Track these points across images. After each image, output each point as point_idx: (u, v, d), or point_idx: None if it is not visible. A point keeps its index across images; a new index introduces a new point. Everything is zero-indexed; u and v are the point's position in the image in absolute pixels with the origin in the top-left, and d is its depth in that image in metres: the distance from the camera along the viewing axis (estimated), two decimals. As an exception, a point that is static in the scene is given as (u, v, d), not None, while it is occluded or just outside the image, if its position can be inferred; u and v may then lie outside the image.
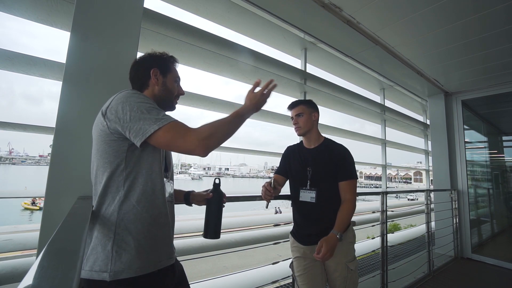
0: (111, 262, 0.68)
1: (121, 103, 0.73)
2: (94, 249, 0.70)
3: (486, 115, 4.28)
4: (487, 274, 2.92)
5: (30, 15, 1.39)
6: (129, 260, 0.70)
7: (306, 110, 1.38)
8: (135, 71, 0.91)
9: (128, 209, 0.73)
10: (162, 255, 0.79)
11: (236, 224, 2.39)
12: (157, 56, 0.92)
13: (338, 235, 1.19)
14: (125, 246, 0.71)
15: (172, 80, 0.93)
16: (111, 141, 0.75)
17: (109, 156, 0.75)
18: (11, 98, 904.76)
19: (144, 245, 0.73)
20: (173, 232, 0.88)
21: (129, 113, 0.72)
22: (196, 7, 2.09)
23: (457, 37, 2.32)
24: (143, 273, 0.72)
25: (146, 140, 0.72)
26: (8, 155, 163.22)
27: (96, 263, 0.69)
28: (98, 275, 0.67)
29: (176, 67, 0.96)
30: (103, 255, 0.69)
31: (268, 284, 1.68)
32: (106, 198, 0.74)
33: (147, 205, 0.76)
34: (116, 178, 0.74)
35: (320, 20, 2.18)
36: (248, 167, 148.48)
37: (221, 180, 1.05)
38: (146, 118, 0.71)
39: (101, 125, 0.75)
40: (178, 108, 1.02)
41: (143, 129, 0.71)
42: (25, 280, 0.31)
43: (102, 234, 0.71)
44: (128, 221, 0.73)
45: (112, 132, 0.74)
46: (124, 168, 0.75)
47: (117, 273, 0.68)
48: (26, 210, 23.62)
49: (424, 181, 6.13)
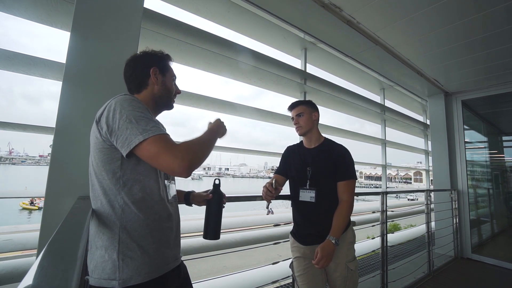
0: (119, 270, 0.69)
1: (112, 111, 0.71)
2: (102, 257, 0.70)
3: (486, 115, 4.28)
4: (487, 274, 2.91)
5: (30, 15, 1.39)
6: (136, 267, 0.70)
7: (307, 110, 1.38)
8: (133, 69, 0.88)
9: (130, 216, 0.73)
10: (169, 258, 0.80)
11: (236, 224, 2.39)
12: (156, 54, 0.90)
13: (334, 240, 1.20)
14: (130, 253, 0.70)
15: (170, 78, 0.92)
16: (105, 149, 0.73)
17: (104, 165, 0.73)
18: (10, 98, 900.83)
19: (149, 251, 0.73)
20: (179, 232, 0.88)
21: (118, 121, 0.69)
22: (196, 7, 2.09)
23: (457, 37, 2.32)
24: (152, 278, 0.72)
25: (132, 151, 0.69)
26: (8, 155, 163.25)
27: (104, 272, 0.69)
28: (108, 283, 0.68)
29: (171, 65, 0.95)
30: (110, 263, 0.69)
31: (268, 284, 1.68)
32: (106, 207, 0.73)
33: (148, 211, 0.75)
34: (113, 187, 0.73)
35: (320, 20, 2.18)
36: (248, 167, 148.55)
37: (221, 180, 1.05)
38: (133, 128, 0.68)
39: (96, 132, 0.74)
40: (178, 108, 1.02)
41: (128, 139, 0.68)
42: (25, 280, 0.31)
43: (107, 242, 0.70)
44: (131, 229, 0.72)
45: (104, 140, 0.72)
46: (121, 176, 0.73)
47: (126, 280, 0.68)
48: (24, 210, 23.50)
49: (424, 181, 6.12)
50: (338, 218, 1.25)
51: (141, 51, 0.92)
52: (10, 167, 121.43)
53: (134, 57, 0.90)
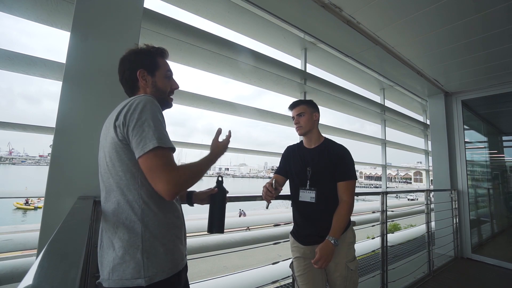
0: (144, 268, 0.70)
1: (134, 108, 0.71)
2: (122, 258, 0.70)
3: (486, 115, 4.28)
4: (487, 274, 2.91)
5: (30, 15, 1.39)
6: (161, 264, 0.73)
7: (307, 110, 1.38)
8: (122, 74, 0.85)
9: (151, 215, 0.74)
10: (183, 254, 0.84)
11: (236, 224, 2.39)
12: (141, 52, 0.85)
13: (333, 241, 1.20)
14: (154, 251, 0.72)
15: (162, 76, 0.87)
16: (122, 150, 0.73)
17: (121, 165, 0.73)
18: (10, 98, 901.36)
19: (170, 248, 0.76)
20: (186, 230, 0.91)
21: (136, 120, 0.70)
22: (196, 7, 2.09)
23: (457, 37, 2.32)
24: (173, 273, 0.75)
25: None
26: (8, 155, 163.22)
27: (126, 272, 0.69)
28: (131, 283, 0.68)
29: (165, 59, 0.90)
30: (133, 263, 0.69)
31: (268, 284, 1.68)
32: (125, 207, 0.72)
33: (166, 210, 0.78)
34: (132, 187, 0.73)
35: (320, 20, 2.18)
36: (248, 167, 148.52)
37: (223, 179, 1.05)
38: (149, 131, 0.69)
39: (112, 132, 0.73)
40: (178, 108, 1.02)
41: (143, 141, 0.69)
42: (25, 280, 0.31)
43: (128, 243, 0.70)
44: (153, 228, 0.73)
45: (121, 139, 0.72)
46: (138, 175, 0.73)
47: (152, 277, 0.70)
48: (18, 210, 23.18)
49: (424, 181, 6.11)
50: (338, 218, 1.25)
51: (129, 49, 0.87)
52: (10, 167, 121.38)
53: (122, 58, 0.86)
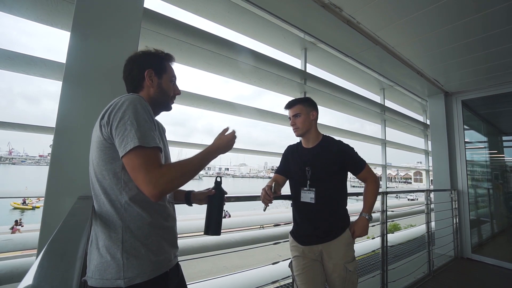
0: (123, 269, 0.68)
1: (118, 107, 0.71)
2: (103, 257, 0.69)
3: (486, 115, 4.28)
4: (487, 274, 2.91)
5: (30, 15, 1.39)
6: (141, 265, 0.70)
7: (304, 110, 1.35)
8: (129, 71, 0.87)
9: (133, 215, 0.72)
10: (171, 256, 0.81)
11: (236, 224, 2.39)
12: (152, 54, 0.88)
13: (367, 216, 1.31)
14: (135, 252, 0.70)
15: (168, 80, 0.89)
16: (106, 149, 0.72)
17: (105, 164, 0.72)
18: (10, 97, 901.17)
19: (153, 249, 0.74)
20: (177, 231, 0.89)
21: (119, 119, 0.69)
22: (196, 7, 2.08)
23: (457, 37, 2.32)
24: (156, 275, 0.73)
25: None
26: (8, 155, 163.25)
27: (107, 272, 0.68)
28: (111, 283, 0.67)
29: (172, 65, 0.92)
30: (114, 263, 0.68)
31: (268, 284, 1.68)
32: (107, 207, 0.72)
33: (151, 210, 0.76)
34: (115, 187, 0.72)
35: (320, 20, 2.18)
36: (248, 167, 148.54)
37: (221, 180, 1.05)
38: (132, 130, 0.68)
39: (97, 131, 0.73)
40: (178, 108, 1.02)
41: (125, 141, 0.67)
42: (25, 280, 0.31)
43: (109, 243, 0.70)
44: (135, 228, 0.72)
45: (105, 138, 0.72)
46: (122, 175, 0.73)
47: (132, 279, 0.68)
48: (16, 210, 22.90)
49: (424, 181, 6.11)
50: (368, 194, 1.35)
51: (140, 50, 0.90)
52: (10, 167, 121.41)
53: (131, 57, 0.88)
